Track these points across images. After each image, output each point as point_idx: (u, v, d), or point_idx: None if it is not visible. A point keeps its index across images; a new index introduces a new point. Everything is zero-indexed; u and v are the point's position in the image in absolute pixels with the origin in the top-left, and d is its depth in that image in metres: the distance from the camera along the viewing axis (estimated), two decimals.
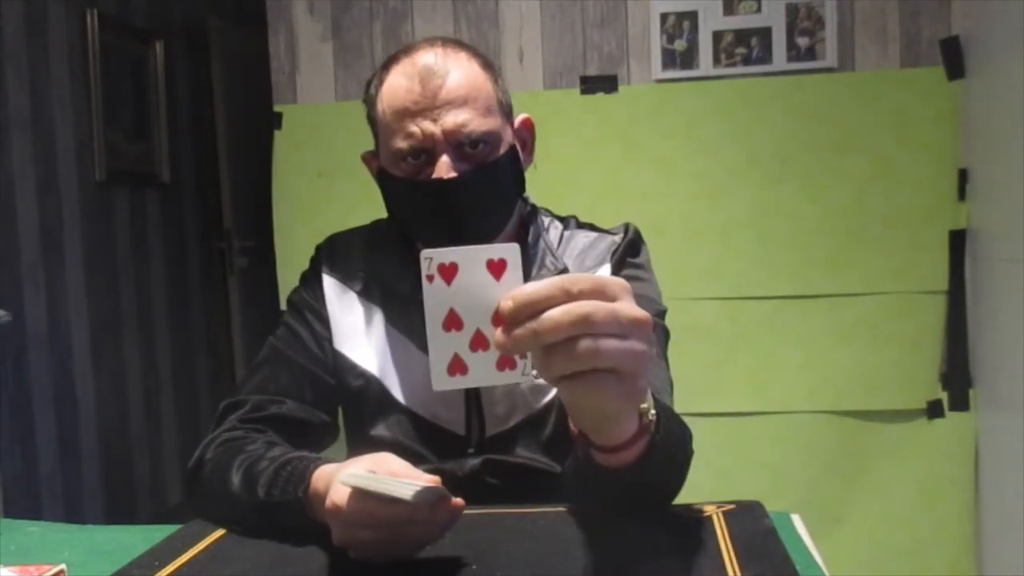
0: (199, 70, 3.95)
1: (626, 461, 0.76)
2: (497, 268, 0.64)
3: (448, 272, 0.64)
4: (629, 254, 1.13)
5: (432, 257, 0.64)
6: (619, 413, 0.69)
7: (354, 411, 1.14)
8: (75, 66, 3.16)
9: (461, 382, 0.65)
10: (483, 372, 0.65)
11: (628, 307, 0.62)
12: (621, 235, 1.14)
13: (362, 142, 1.12)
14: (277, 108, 2.53)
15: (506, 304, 0.61)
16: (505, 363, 0.64)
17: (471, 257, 0.64)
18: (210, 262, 4.05)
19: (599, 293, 0.62)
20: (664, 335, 1.11)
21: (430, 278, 0.64)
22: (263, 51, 2.62)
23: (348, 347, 1.11)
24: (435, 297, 0.64)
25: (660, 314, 1.11)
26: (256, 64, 3.17)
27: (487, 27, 2.44)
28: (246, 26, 4.00)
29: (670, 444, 0.80)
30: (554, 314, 0.60)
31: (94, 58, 3.22)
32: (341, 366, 1.11)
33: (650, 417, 0.74)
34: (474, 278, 0.64)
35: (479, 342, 0.64)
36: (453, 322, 0.64)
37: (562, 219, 1.17)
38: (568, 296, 0.61)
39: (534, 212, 1.15)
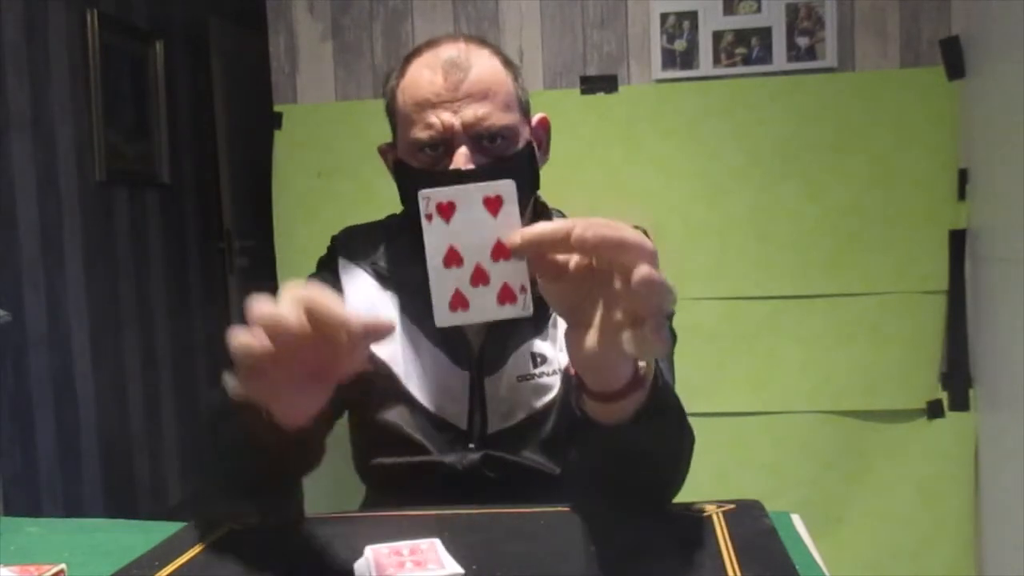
0: (199, 70, 3.95)
1: (619, 417, 0.75)
2: (494, 204, 0.65)
3: (446, 210, 0.65)
4: None
5: (430, 196, 0.65)
6: (619, 359, 0.68)
7: (361, 393, 1.15)
8: (75, 66, 3.16)
9: (463, 317, 0.66)
10: (484, 306, 0.65)
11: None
12: None
13: (362, 142, 1.13)
14: (277, 108, 2.53)
15: (512, 240, 0.63)
16: (506, 297, 0.65)
17: (468, 195, 0.65)
18: (210, 262, 4.05)
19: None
20: (672, 337, 1.11)
21: (429, 217, 0.65)
22: (263, 51, 2.62)
23: None
24: (435, 235, 0.65)
25: (669, 316, 1.10)
26: (256, 64, 3.17)
27: (487, 27, 2.44)
28: (246, 26, 4.00)
29: (666, 410, 0.80)
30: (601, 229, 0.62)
31: (94, 58, 3.22)
32: None
33: (645, 369, 0.73)
34: (472, 215, 0.65)
35: (479, 277, 0.65)
36: (453, 259, 0.65)
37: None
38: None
39: (546, 211, 1.16)
